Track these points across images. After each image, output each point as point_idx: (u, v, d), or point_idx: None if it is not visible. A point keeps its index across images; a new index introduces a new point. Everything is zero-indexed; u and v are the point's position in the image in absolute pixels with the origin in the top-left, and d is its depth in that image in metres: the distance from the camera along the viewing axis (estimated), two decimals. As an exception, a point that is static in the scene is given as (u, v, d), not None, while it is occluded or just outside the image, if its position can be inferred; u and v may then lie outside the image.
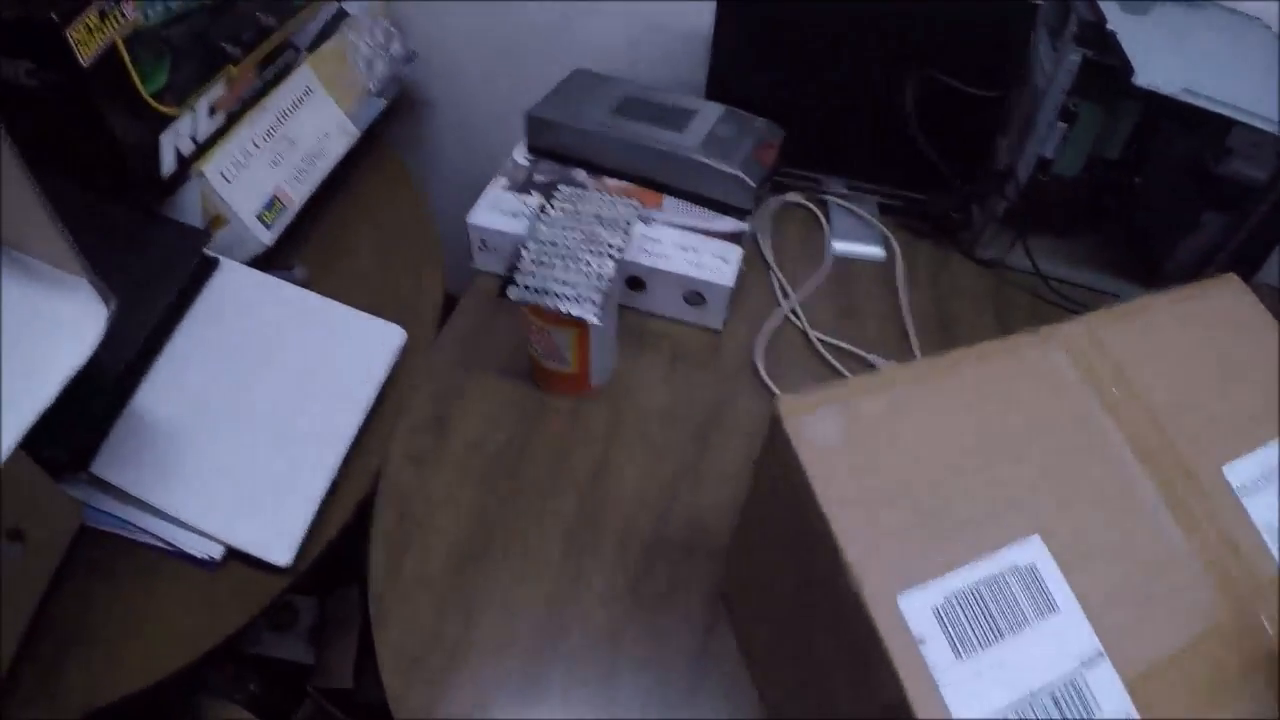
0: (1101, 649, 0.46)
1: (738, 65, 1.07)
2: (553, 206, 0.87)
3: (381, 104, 1.16)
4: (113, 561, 0.81)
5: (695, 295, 0.94)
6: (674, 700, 0.71)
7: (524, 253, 0.82)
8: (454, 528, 0.81)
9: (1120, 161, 1.03)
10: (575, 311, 0.78)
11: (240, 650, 1.09)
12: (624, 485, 0.84)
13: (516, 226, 0.97)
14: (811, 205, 1.15)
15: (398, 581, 0.77)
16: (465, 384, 0.91)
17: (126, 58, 0.83)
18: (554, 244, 0.83)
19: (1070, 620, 0.47)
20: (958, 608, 0.46)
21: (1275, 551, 0.53)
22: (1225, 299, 0.66)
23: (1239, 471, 0.55)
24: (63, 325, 0.69)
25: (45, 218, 0.65)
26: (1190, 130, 0.96)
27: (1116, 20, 0.90)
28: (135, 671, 0.75)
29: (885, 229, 1.11)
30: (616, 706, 0.71)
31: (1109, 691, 0.45)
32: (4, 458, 0.62)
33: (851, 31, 1.03)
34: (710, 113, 1.03)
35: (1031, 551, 0.48)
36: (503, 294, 0.80)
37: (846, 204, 1.14)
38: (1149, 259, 1.06)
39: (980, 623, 0.46)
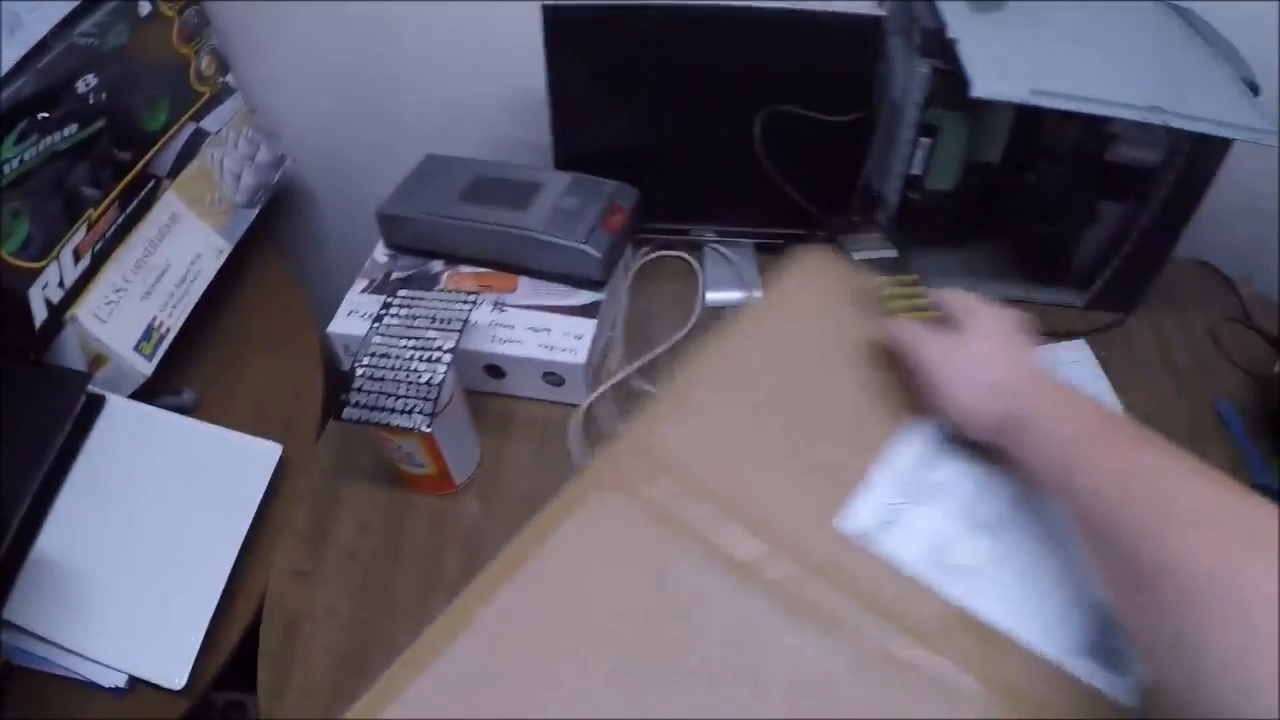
0: None
1: (581, 122, 1.08)
2: (389, 313, 0.89)
3: (252, 214, 1.19)
4: (42, 695, 0.86)
5: (553, 376, 0.96)
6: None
7: (357, 370, 0.84)
8: (336, 639, 0.84)
9: (1002, 164, 1.01)
10: (406, 424, 0.81)
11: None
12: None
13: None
14: (686, 255, 1.16)
15: (285, 696, 0.81)
16: (341, 492, 0.95)
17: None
18: (385, 355, 0.85)
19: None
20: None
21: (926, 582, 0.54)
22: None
23: (852, 520, 0.56)
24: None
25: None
26: (1071, 124, 0.94)
27: (960, 25, 0.87)
28: None
29: (760, 272, 1.11)
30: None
31: None
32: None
33: (694, 70, 1.03)
34: (557, 184, 1.03)
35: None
36: (337, 416, 0.83)
37: (720, 249, 1.15)
38: (1053, 257, 1.06)
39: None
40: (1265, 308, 1.10)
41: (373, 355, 0.86)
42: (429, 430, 0.82)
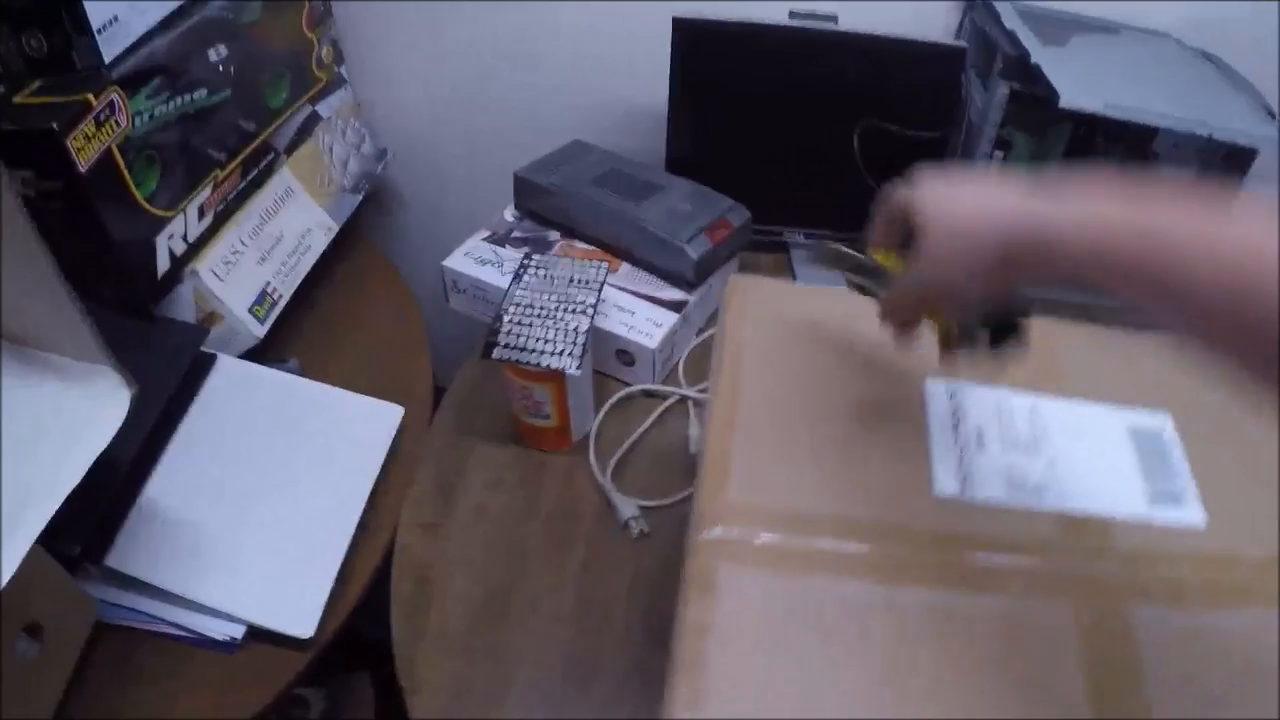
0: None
1: (694, 129, 1.15)
2: (527, 271, 0.93)
3: (357, 199, 1.20)
4: (130, 655, 0.81)
5: (625, 355, 0.99)
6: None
7: (504, 315, 0.87)
8: (471, 588, 0.83)
9: None
10: (555, 364, 0.83)
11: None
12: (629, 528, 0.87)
13: (484, 274, 1.04)
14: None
15: (422, 644, 0.80)
16: (465, 454, 0.95)
17: (122, 163, 0.87)
18: (530, 306, 0.88)
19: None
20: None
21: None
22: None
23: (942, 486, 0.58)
24: (84, 414, 0.71)
25: (71, 308, 0.68)
26: (1118, 143, 1.03)
27: (1038, 53, 0.98)
28: None
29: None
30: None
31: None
32: (30, 543, 0.63)
33: (800, 86, 1.11)
34: (678, 189, 1.09)
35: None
36: (486, 355, 0.84)
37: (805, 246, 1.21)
38: None
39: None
40: None
41: (517, 305, 0.88)
42: (578, 370, 0.83)
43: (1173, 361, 0.66)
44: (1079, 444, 0.61)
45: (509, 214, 1.13)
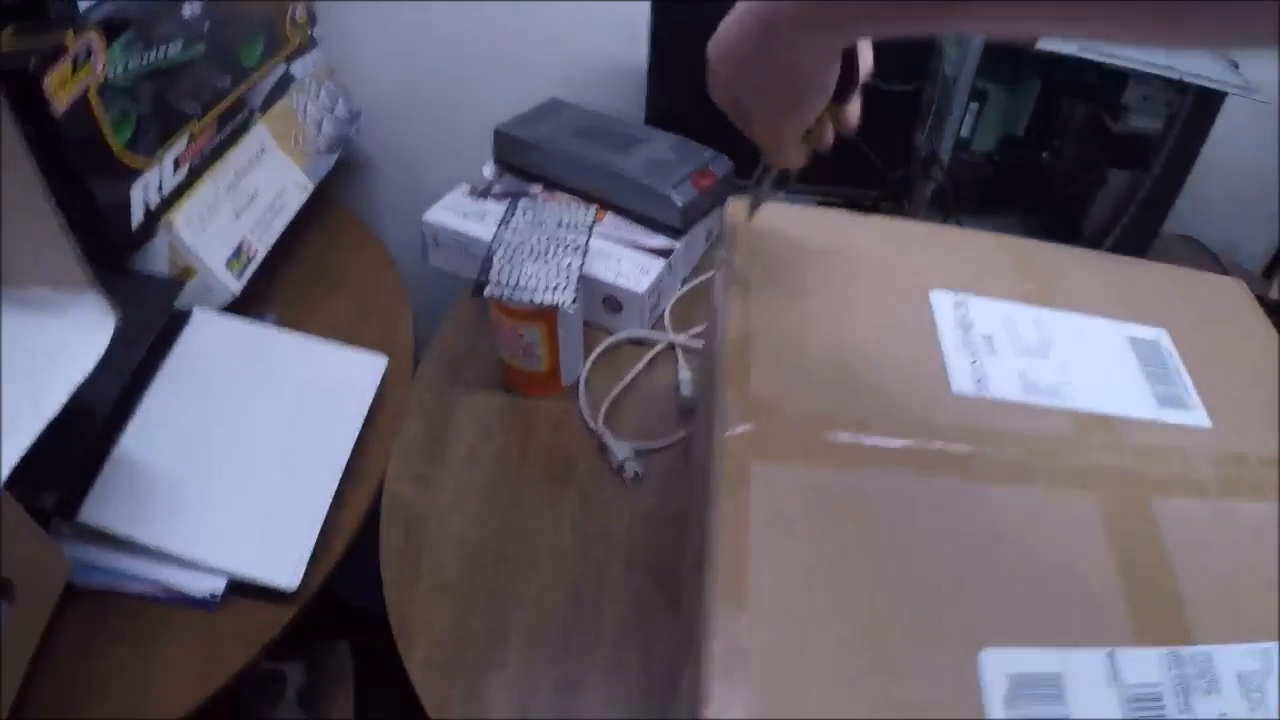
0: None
1: (672, 90, 1.14)
2: (515, 214, 0.92)
3: (331, 160, 1.18)
4: (104, 617, 0.78)
5: (612, 301, 0.98)
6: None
7: (494, 255, 0.86)
8: (466, 534, 0.81)
9: (1027, 137, 1.11)
10: (549, 300, 0.82)
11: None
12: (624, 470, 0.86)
13: (466, 227, 1.02)
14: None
15: (415, 594, 0.77)
16: (452, 404, 0.93)
17: (98, 109, 0.85)
18: (520, 246, 0.87)
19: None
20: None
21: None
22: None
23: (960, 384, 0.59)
24: (64, 343, 0.69)
25: (55, 227, 0.65)
26: (1087, 97, 1.04)
27: None
28: None
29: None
30: (663, 687, 0.70)
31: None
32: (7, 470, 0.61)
33: None
34: (660, 141, 1.09)
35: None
36: (477, 293, 0.83)
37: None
38: (1066, 221, 1.13)
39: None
40: (1247, 278, 1.16)
41: (506, 245, 0.86)
42: (573, 305, 0.82)
43: (1162, 283, 0.68)
44: (1084, 351, 0.61)
45: (488, 170, 1.11)
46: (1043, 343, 0.61)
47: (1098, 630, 0.45)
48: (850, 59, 0.57)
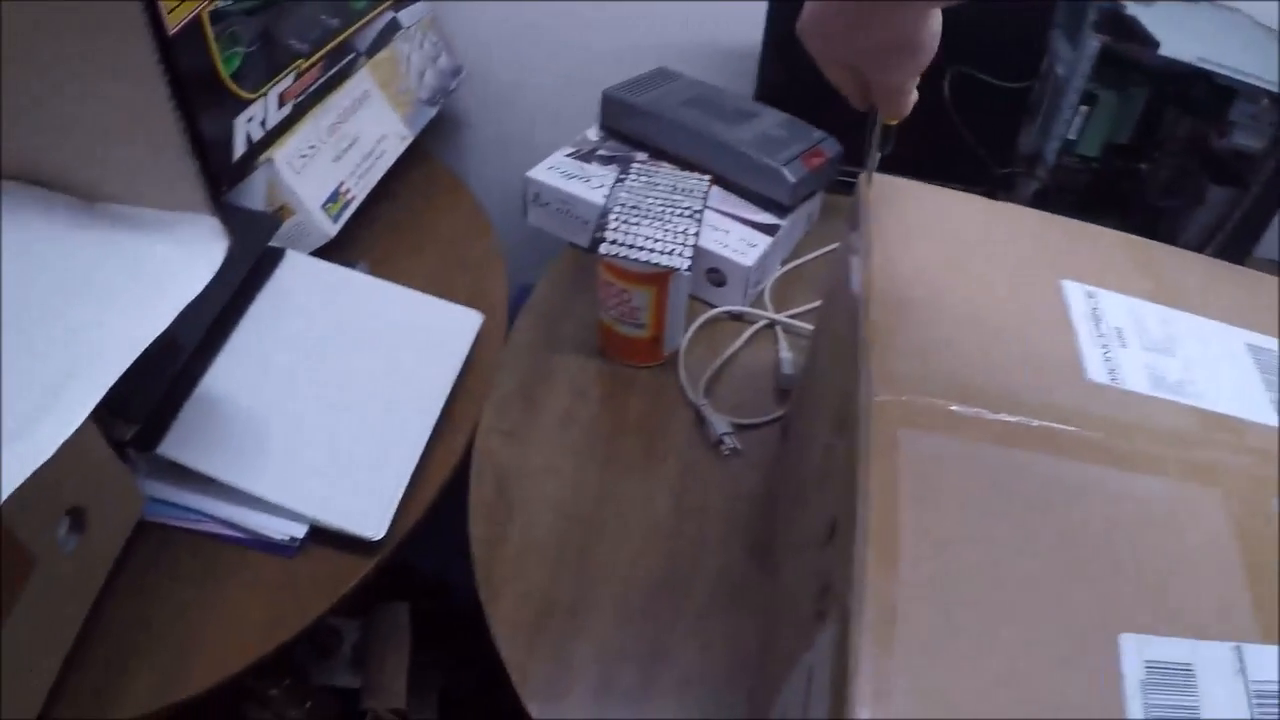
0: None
1: (785, 72, 1.12)
2: (630, 176, 0.89)
3: (431, 112, 1.16)
4: (176, 556, 0.77)
5: (716, 273, 0.96)
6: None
7: (610, 212, 0.83)
8: (559, 496, 0.79)
9: (1130, 146, 1.09)
10: (666, 262, 0.79)
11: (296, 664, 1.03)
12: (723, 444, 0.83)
13: (570, 187, 1.00)
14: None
15: (503, 550, 0.75)
16: (547, 364, 0.90)
17: (210, 33, 0.83)
18: (635, 208, 0.84)
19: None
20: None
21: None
22: None
23: (1095, 373, 0.58)
24: (174, 263, 0.66)
25: (179, 142, 0.63)
26: (1193, 110, 1.03)
27: (1131, 8, 0.99)
28: (205, 670, 0.71)
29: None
30: (748, 670, 0.68)
31: None
32: (106, 388, 0.59)
33: None
34: (771, 118, 1.07)
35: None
36: (592, 249, 0.81)
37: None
38: (1159, 234, 1.10)
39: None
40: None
41: (622, 205, 0.84)
42: (689, 270, 0.80)
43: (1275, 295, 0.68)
44: (1206, 352, 0.60)
45: (592, 133, 1.09)
46: (1168, 340, 0.60)
47: (1225, 624, 0.45)
48: None
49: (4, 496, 0.52)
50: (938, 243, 0.66)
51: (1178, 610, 0.45)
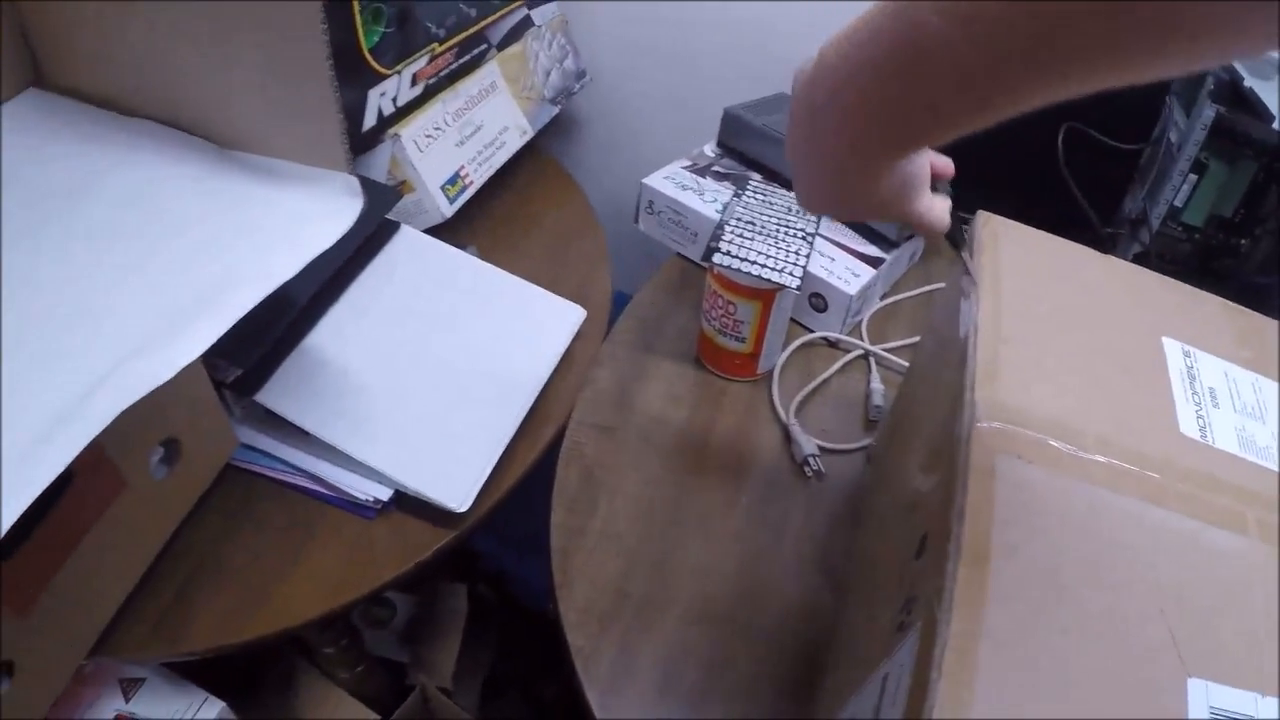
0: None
1: None
2: (746, 192, 0.90)
3: (553, 111, 1.18)
4: (257, 504, 0.79)
5: (819, 299, 0.96)
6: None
7: (725, 226, 0.84)
8: (643, 493, 0.80)
9: (1233, 219, 1.08)
10: (777, 279, 0.80)
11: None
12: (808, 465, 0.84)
13: (684, 198, 1.01)
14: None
15: (582, 539, 0.76)
16: (644, 367, 0.91)
17: (357, 5, 0.85)
18: (750, 223, 0.85)
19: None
20: None
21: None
22: None
23: (1186, 427, 0.59)
24: (311, 215, 0.69)
25: (333, 104, 0.65)
26: None
27: (1249, 81, 0.99)
28: (269, 618, 0.72)
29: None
30: (808, 685, 0.68)
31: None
32: (235, 319, 0.61)
33: None
34: None
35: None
36: (706, 258, 0.82)
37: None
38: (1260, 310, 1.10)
39: None
40: None
41: (738, 220, 0.85)
42: (799, 288, 0.80)
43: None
44: None
45: (709, 149, 1.10)
46: (1259, 406, 0.61)
47: None
48: None
49: (121, 408, 0.54)
50: (1047, 287, 0.67)
51: (1243, 664, 0.45)
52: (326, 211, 0.67)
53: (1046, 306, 0.65)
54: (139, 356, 0.58)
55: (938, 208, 0.60)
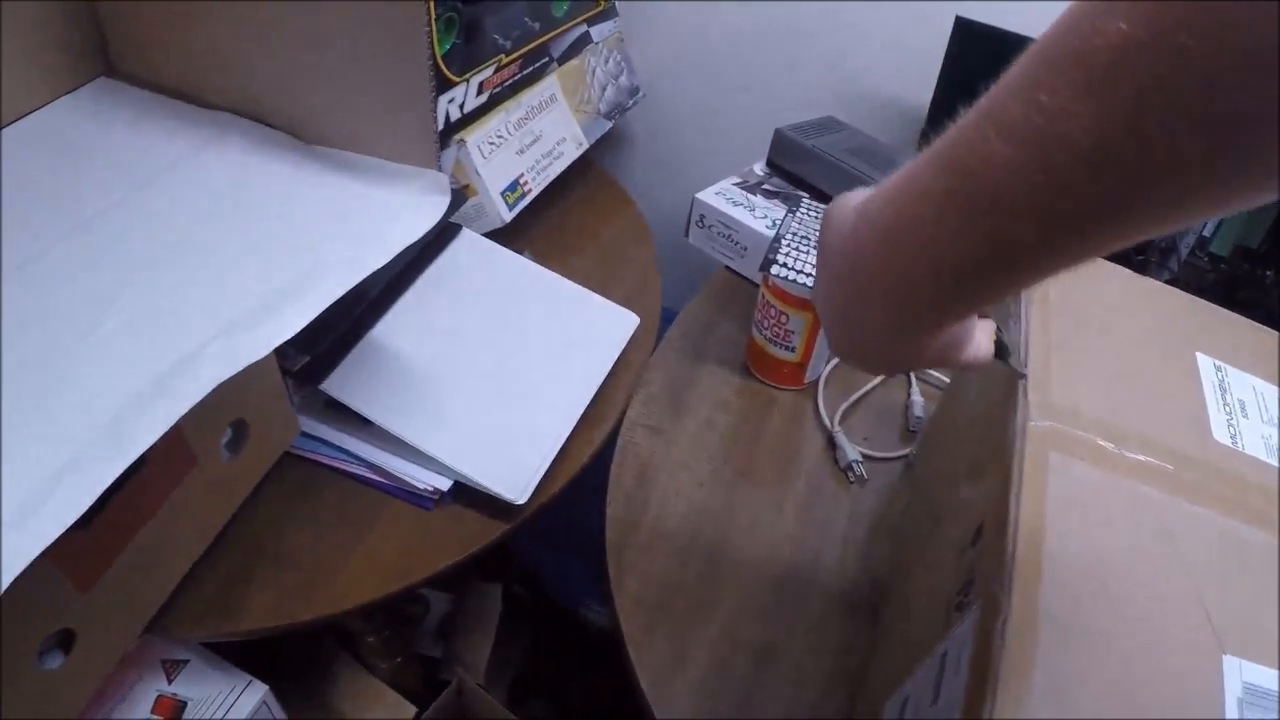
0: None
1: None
2: (800, 209, 0.94)
3: (607, 125, 1.21)
4: (317, 492, 0.82)
5: None
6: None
7: (783, 238, 0.87)
8: (694, 492, 0.83)
9: (1259, 251, 1.10)
10: None
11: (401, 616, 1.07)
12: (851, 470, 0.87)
13: (735, 213, 1.04)
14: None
15: (636, 535, 0.79)
16: (695, 373, 0.95)
17: (433, 13, 0.88)
18: (806, 238, 0.88)
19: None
20: None
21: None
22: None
23: (1219, 434, 0.62)
24: (402, 208, 0.72)
25: (427, 106, 0.69)
26: None
27: None
28: (323, 601, 0.75)
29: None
30: (851, 677, 0.71)
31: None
32: (327, 303, 0.64)
33: None
34: None
35: None
36: (764, 269, 0.85)
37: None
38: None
39: None
40: None
41: (793, 234, 0.88)
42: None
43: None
44: None
45: (758, 168, 1.14)
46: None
47: None
48: None
49: (223, 378, 0.57)
50: (1091, 304, 0.71)
51: (1273, 646, 0.48)
52: (415, 206, 0.71)
53: (1089, 321, 0.69)
54: (238, 331, 0.61)
55: (983, 347, 0.54)
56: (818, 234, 0.49)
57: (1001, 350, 0.57)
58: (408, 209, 0.71)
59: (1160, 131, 0.29)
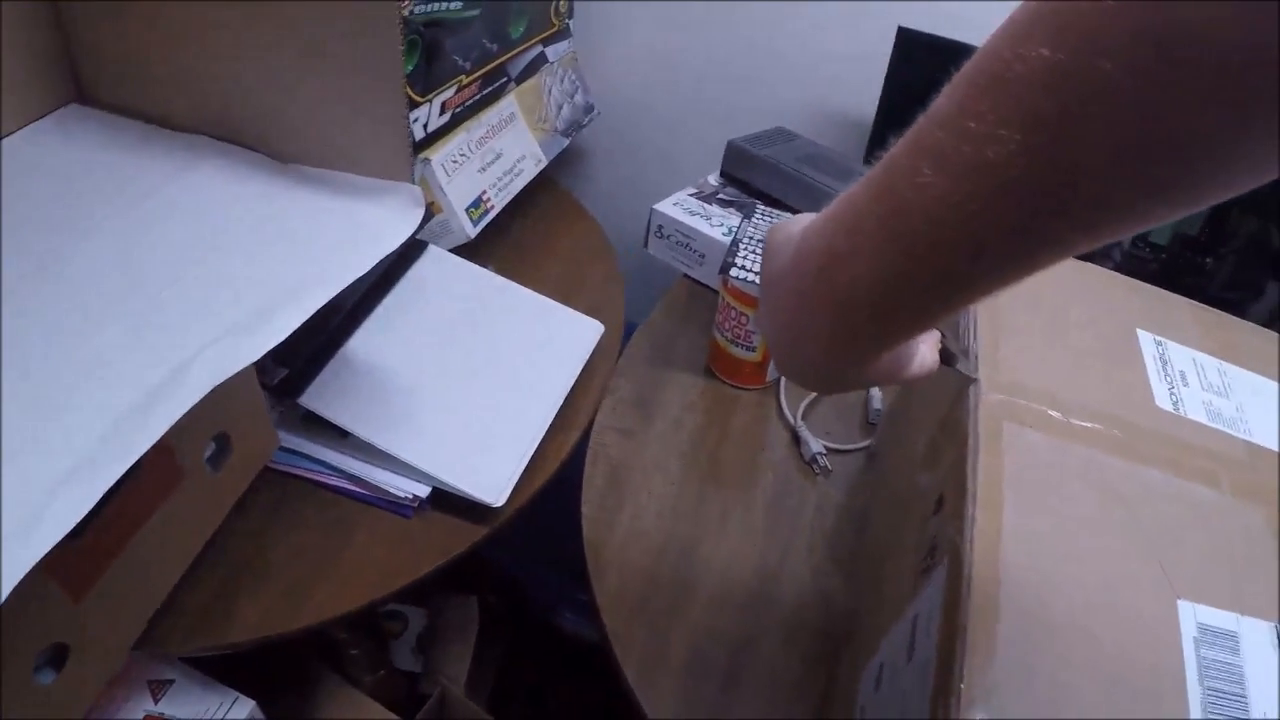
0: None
1: (896, 139, 1.18)
2: (756, 214, 0.98)
3: (564, 143, 1.24)
4: (297, 505, 0.83)
5: None
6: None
7: (740, 243, 0.91)
8: (666, 491, 0.85)
9: (1198, 239, 1.14)
10: None
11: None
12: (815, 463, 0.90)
13: (692, 222, 1.08)
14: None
15: (611, 533, 0.81)
16: (660, 376, 0.98)
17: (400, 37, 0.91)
18: (762, 241, 0.91)
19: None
20: None
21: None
22: None
23: (1161, 401, 0.67)
24: (377, 221, 0.74)
25: (401, 118, 0.71)
26: (1259, 210, 1.08)
27: None
28: (310, 611, 0.76)
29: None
30: (826, 660, 0.74)
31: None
32: (307, 315, 0.66)
33: None
34: None
35: None
36: (723, 272, 0.88)
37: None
38: None
39: None
40: None
41: (749, 238, 0.91)
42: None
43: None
44: (1255, 399, 0.70)
45: (713, 178, 1.17)
46: (1224, 386, 0.69)
47: (1265, 606, 0.53)
48: None
49: (214, 384, 0.59)
50: (1037, 290, 0.72)
51: (1224, 590, 0.53)
52: (391, 217, 0.73)
53: (1036, 303, 0.72)
54: (226, 341, 0.63)
55: (928, 359, 0.53)
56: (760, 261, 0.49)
57: (948, 358, 0.59)
58: (383, 221, 0.73)
59: (1085, 155, 0.30)
